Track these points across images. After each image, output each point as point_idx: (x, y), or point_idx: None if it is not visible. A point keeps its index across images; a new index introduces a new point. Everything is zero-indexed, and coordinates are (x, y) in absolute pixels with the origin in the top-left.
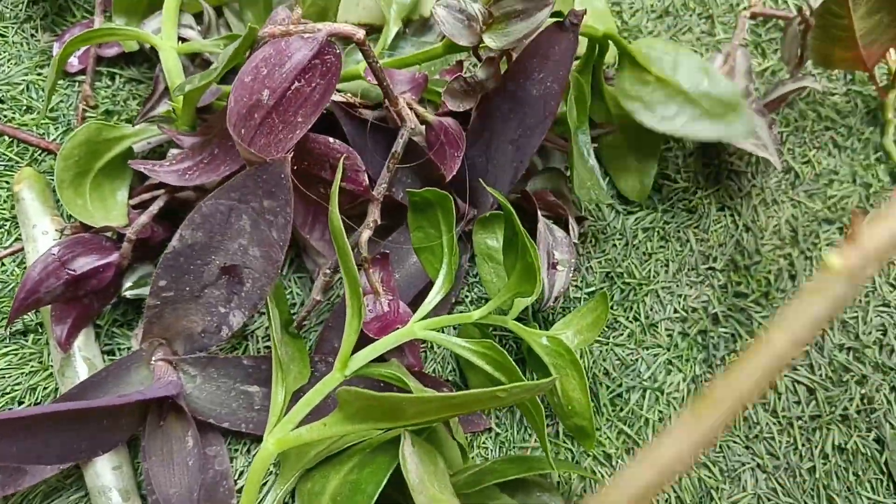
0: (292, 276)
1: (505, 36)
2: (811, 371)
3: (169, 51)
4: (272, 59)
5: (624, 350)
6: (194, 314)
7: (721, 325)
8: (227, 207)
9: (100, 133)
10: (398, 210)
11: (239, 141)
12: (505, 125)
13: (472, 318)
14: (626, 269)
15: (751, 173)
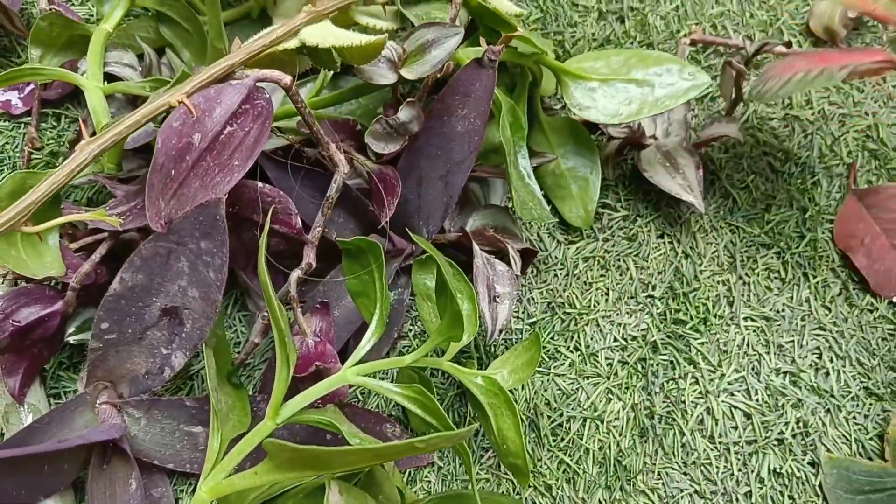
0: (237, 314)
1: (421, 66)
2: (748, 396)
3: (94, 90)
4: (201, 105)
5: (565, 380)
6: (137, 356)
7: (660, 352)
8: (166, 250)
9: (25, 182)
10: (337, 248)
11: (151, 194)
12: (433, 162)
13: (405, 363)
14: (568, 299)
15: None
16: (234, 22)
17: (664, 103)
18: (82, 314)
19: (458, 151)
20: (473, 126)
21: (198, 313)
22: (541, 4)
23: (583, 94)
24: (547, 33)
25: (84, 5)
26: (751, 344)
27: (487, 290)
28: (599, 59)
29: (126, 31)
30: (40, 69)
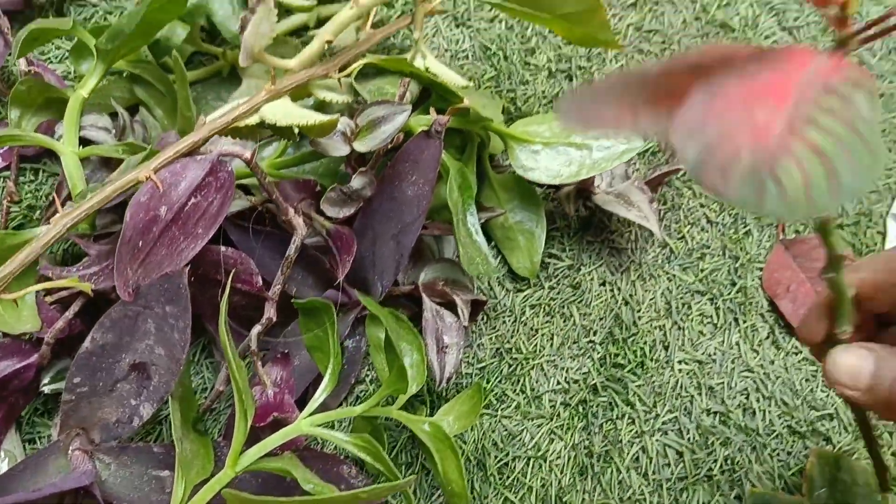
0: (204, 361)
1: (372, 140)
2: (680, 435)
3: (70, 155)
4: (167, 179)
5: (511, 421)
6: (108, 406)
7: (600, 394)
8: (134, 312)
9: (3, 241)
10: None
11: (120, 264)
12: (386, 223)
13: (356, 413)
14: (515, 345)
15: (630, 250)
16: (205, 80)
17: (601, 165)
18: (57, 365)
19: (408, 214)
20: (422, 191)
21: (164, 369)
22: (494, 64)
23: (527, 156)
24: (500, 91)
25: (62, 63)
26: (684, 386)
27: (436, 341)
28: (542, 123)
29: (101, 91)
30: (19, 136)
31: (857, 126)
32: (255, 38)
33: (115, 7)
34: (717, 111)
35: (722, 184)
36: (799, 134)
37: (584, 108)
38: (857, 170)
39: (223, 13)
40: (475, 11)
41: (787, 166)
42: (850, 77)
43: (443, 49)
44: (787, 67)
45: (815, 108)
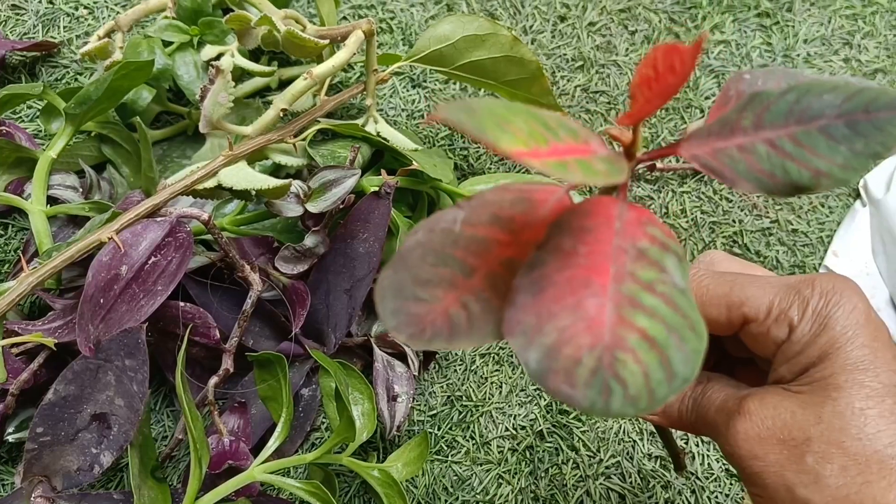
0: (165, 409)
1: (324, 201)
2: (622, 479)
3: (38, 214)
4: (129, 240)
5: (461, 466)
6: (70, 454)
7: (546, 440)
8: (95, 366)
9: None
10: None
11: (81, 321)
12: (339, 278)
13: (307, 460)
14: (465, 393)
15: None
16: (171, 138)
17: None
18: (20, 414)
19: (360, 269)
20: (373, 248)
21: (123, 419)
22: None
23: None
24: (454, 149)
25: (34, 122)
26: (626, 431)
27: (386, 391)
28: (490, 181)
29: (70, 150)
30: None
31: (677, 301)
32: (213, 108)
33: (85, 68)
34: (548, 306)
35: (569, 390)
36: (628, 321)
37: (408, 301)
38: (688, 355)
39: (188, 77)
40: (430, 73)
41: (626, 361)
42: (655, 238)
43: (400, 109)
44: (598, 233)
45: (635, 283)
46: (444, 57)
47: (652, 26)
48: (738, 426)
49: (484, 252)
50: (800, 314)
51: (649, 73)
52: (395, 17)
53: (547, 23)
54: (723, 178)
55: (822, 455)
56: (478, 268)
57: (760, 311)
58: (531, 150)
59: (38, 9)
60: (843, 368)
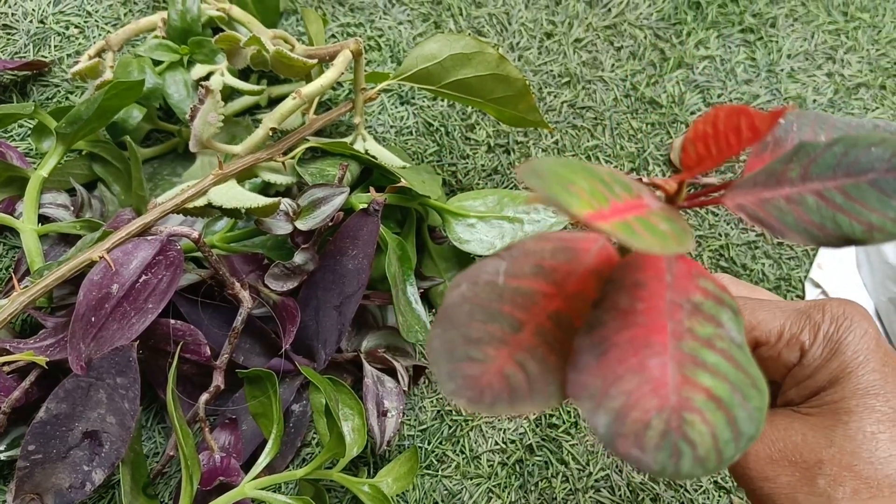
0: (156, 426)
1: (313, 219)
2: (612, 492)
3: (29, 233)
4: (119, 259)
5: (451, 481)
6: (61, 472)
7: (535, 454)
8: (87, 384)
9: None
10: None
11: (73, 339)
12: (328, 294)
13: (298, 476)
14: (455, 407)
15: None
16: (162, 156)
17: None
18: (12, 432)
19: (349, 285)
20: (361, 265)
21: (115, 436)
22: (437, 139)
23: (463, 229)
24: (442, 165)
25: (25, 141)
26: None
27: (376, 406)
28: (477, 198)
29: (61, 169)
30: None
31: (737, 358)
32: (203, 127)
33: (76, 87)
34: (613, 368)
35: (639, 454)
36: (692, 380)
37: (461, 362)
38: (752, 412)
39: (178, 96)
40: (419, 90)
41: (694, 422)
42: (709, 292)
43: (388, 125)
44: (648, 284)
45: (694, 340)
46: (431, 75)
47: (637, 42)
48: (751, 473)
49: (531, 305)
50: (811, 338)
51: (708, 129)
52: (382, 34)
53: (534, 39)
54: (771, 230)
55: (834, 478)
56: (526, 322)
57: (772, 334)
58: (597, 212)
59: (29, 28)
60: (854, 393)
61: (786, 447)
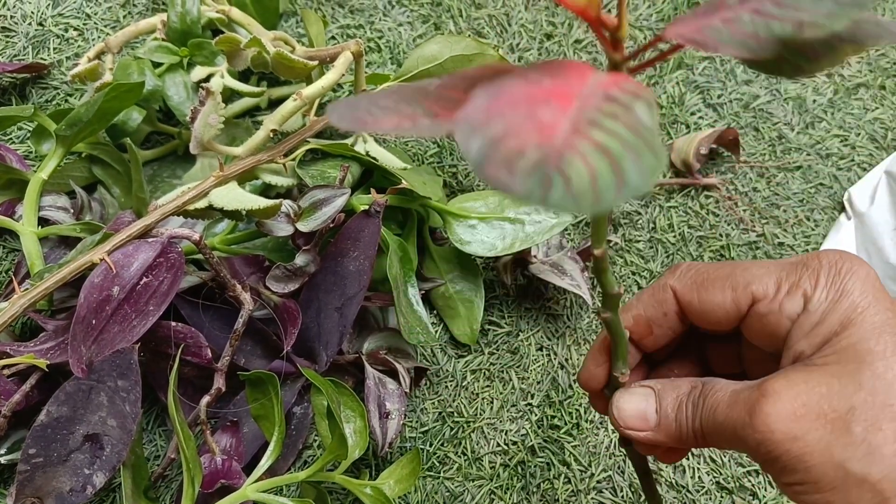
0: (157, 429)
1: (314, 220)
2: (614, 493)
3: (29, 236)
4: (120, 261)
5: (453, 483)
6: (62, 475)
7: (538, 455)
8: (88, 387)
9: None
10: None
11: (74, 342)
12: (329, 296)
13: (300, 478)
14: (457, 409)
15: (566, 316)
16: (161, 158)
17: (533, 238)
18: (13, 436)
19: (350, 287)
20: (363, 266)
21: (116, 439)
22: (437, 141)
23: (464, 230)
24: (443, 166)
25: (24, 143)
26: (617, 445)
27: (378, 408)
28: (478, 199)
29: (61, 172)
30: None
31: (640, 130)
32: (203, 129)
33: (75, 90)
34: (501, 109)
35: (507, 177)
36: (584, 133)
37: (360, 112)
38: (643, 168)
39: (178, 98)
40: None
41: (574, 161)
42: (628, 89)
43: None
44: (569, 78)
45: (598, 112)
46: (431, 76)
47: (637, 43)
48: (766, 410)
49: (452, 106)
50: (812, 284)
51: None
52: (382, 36)
53: (534, 41)
54: (705, 47)
55: (872, 423)
56: (441, 116)
57: (769, 288)
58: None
59: (28, 31)
60: (872, 332)
61: (810, 400)
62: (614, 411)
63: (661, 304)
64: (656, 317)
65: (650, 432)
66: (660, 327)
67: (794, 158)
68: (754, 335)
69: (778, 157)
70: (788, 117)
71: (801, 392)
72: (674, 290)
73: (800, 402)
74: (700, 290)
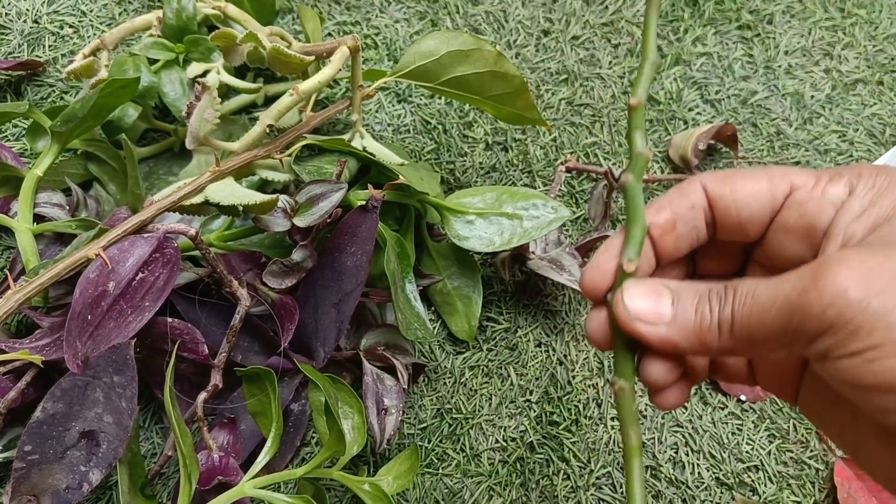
0: (154, 427)
1: (311, 216)
2: (613, 490)
3: (24, 232)
4: (116, 256)
5: (452, 479)
6: (58, 473)
7: (536, 451)
8: (84, 382)
9: None
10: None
11: (69, 338)
12: (327, 292)
13: (297, 475)
14: (455, 405)
15: (564, 312)
16: (158, 155)
17: (531, 233)
18: (8, 433)
19: (347, 283)
20: (360, 262)
21: (112, 436)
22: (435, 137)
23: (462, 226)
24: (440, 163)
25: (19, 140)
26: (616, 441)
27: (376, 404)
28: (476, 195)
29: (56, 169)
30: None
31: None
32: (199, 124)
33: (71, 87)
34: None
35: None
36: None
37: None
38: None
39: (174, 95)
40: (416, 88)
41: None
42: None
43: (386, 123)
44: None
45: None
46: (428, 72)
47: (634, 39)
48: (835, 271)
49: None
50: (856, 175)
51: None
52: (379, 32)
53: (531, 37)
54: None
55: None
56: None
57: (808, 178)
58: None
59: (24, 28)
60: None
61: (885, 264)
62: (623, 299)
63: (688, 196)
64: (682, 210)
65: (663, 328)
66: (685, 224)
67: (792, 154)
68: (787, 232)
69: (776, 153)
70: (786, 113)
71: (870, 257)
72: (704, 185)
73: (874, 263)
74: (733, 180)
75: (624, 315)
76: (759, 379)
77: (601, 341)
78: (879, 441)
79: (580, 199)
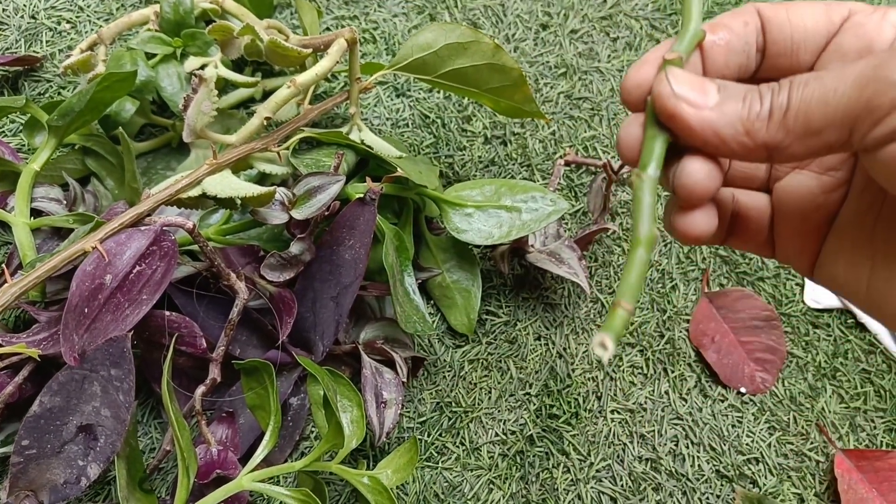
0: (153, 422)
1: (309, 208)
2: (613, 482)
3: (21, 227)
4: (113, 249)
5: (451, 473)
6: (56, 467)
7: (536, 444)
8: (81, 376)
9: None
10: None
11: (66, 331)
12: (325, 285)
13: (296, 468)
14: (454, 399)
15: (564, 305)
16: (156, 150)
17: (530, 226)
18: (6, 429)
19: (346, 276)
20: (358, 255)
21: (110, 430)
22: (433, 131)
23: (460, 219)
24: (439, 157)
25: (17, 136)
26: (616, 434)
27: (375, 397)
28: (474, 188)
29: (53, 163)
30: None
31: None
32: (197, 117)
33: (68, 82)
34: None
35: None
36: None
37: None
38: None
39: (171, 89)
40: (414, 82)
41: None
42: None
43: (384, 117)
44: None
45: None
46: (426, 65)
47: (633, 33)
48: None
49: None
50: None
51: None
52: (377, 27)
53: (529, 31)
54: None
55: None
56: None
57: (867, 6)
58: None
59: (21, 23)
60: None
61: None
62: (665, 77)
63: (742, 14)
64: (735, 25)
65: (706, 112)
66: (738, 39)
67: None
68: (841, 57)
69: None
70: None
71: None
72: (758, 8)
73: None
74: (789, 4)
75: (666, 90)
76: (779, 241)
77: (633, 150)
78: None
79: (579, 192)
